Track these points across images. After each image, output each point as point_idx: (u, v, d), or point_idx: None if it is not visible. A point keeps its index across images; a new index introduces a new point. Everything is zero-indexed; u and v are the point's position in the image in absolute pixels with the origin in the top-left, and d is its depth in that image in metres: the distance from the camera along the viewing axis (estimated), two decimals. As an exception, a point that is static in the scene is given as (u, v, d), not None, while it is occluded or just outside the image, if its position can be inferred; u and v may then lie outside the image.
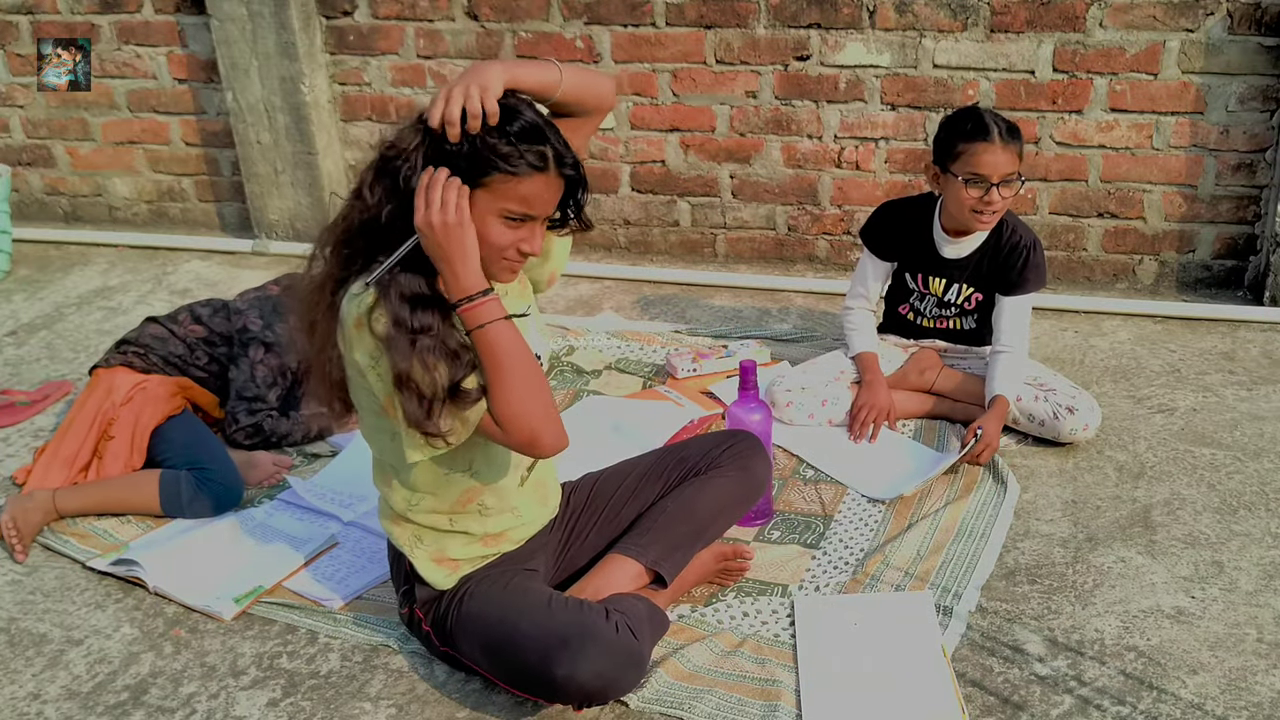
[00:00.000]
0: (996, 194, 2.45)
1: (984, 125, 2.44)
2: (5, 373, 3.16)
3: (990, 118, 2.46)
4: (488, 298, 1.64)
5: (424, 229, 1.60)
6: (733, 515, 2.12)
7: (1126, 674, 1.88)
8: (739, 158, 3.62)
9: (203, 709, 1.88)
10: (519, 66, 1.67)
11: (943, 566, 2.16)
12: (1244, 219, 3.31)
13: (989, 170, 2.44)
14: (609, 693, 1.74)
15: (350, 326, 1.64)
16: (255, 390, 2.59)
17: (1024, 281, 2.58)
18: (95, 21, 3.98)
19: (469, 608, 1.82)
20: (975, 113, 2.49)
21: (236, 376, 2.59)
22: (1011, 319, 2.59)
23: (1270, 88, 3.13)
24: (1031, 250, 2.57)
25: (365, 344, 1.63)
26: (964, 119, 2.49)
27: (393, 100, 3.84)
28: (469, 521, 1.85)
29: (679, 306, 3.48)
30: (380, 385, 1.65)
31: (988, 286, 2.64)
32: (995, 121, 2.46)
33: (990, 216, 2.49)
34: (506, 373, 1.64)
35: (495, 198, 1.63)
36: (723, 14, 3.43)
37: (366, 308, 1.62)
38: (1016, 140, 2.47)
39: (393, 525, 1.87)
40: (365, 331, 1.62)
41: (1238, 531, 2.26)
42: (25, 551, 2.28)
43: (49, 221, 4.33)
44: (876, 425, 2.62)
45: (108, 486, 2.39)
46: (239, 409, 2.58)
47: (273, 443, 2.62)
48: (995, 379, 2.56)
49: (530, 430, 1.67)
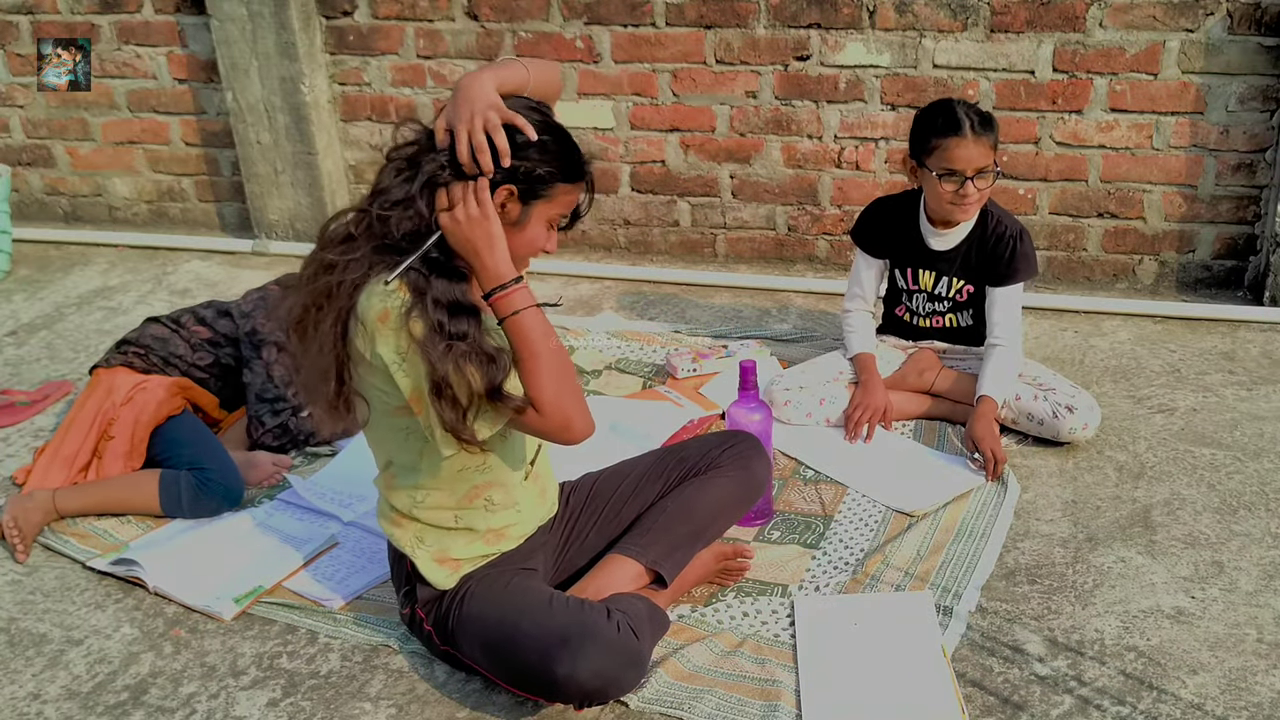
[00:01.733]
0: (971, 187, 2.46)
1: (955, 119, 2.44)
2: (5, 373, 3.16)
3: (963, 110, 2.45)
4: (519, 285, 1.69)
5: (450, 225, 1.65)
6: (732, 515, 2.12)
7: (1126, 674, 1.88)
8: (739, 158, 3.62)
9: (203, 709, 1.88)
10: (499, 70, 1.71)
11: (943, 566, 2.16)
12: (1244, 219, 3.31)
13: (962, 165, 2.45)
14: (609, 692, 1.74)
15: (373, 321, 1.64)
16: (275, 391, 2.58)
17: (1014, 271, 2.58)
18: (95, 21, 3.98)
19: (469, 607, 1.82)
20: (947, 106, 2.48)
21: (253, 380, 2.58)
22: (1004, 310, 2.59)
23: (1270, 88, 3.13)
24: (1018, 240, 2.57)
25: (391, 340, 1.64)
26: (936, 113, 2.48)
27: (393, 100, 3.84)
28: (474, 517, 1.85)
29: (679, 306, 3.48)
30: (406, 381, 1.66)
31: (977, 278, 2.65)
32: (967, 114, 2.44)
33: (969, 207, 2.51)
34: (541, 359, 1.68)
35: (553, 206, 1.73)
36: (723, 14, 3.43)
37: (398, 306, 1.63)
38: (989, 132, 2.46)
39: (394, 527, 1.87)
40: (391, 328, 1.63)
41: (1238, 531, 2.26)
42: (27, 551, 2.28)
43: (49, 221, 4.33)
44: (871, 426, 2.62)
45: (108, 486, 2.39)
46: (263, 411, 2.57)
47: (300, 441, 2.62)
48: (985, 378, 2.56)
49: (565, 415, 1.71)
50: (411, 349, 1.63)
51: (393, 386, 1.69)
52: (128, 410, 2.43)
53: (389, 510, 1.88)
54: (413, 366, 1.64)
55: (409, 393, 1.67)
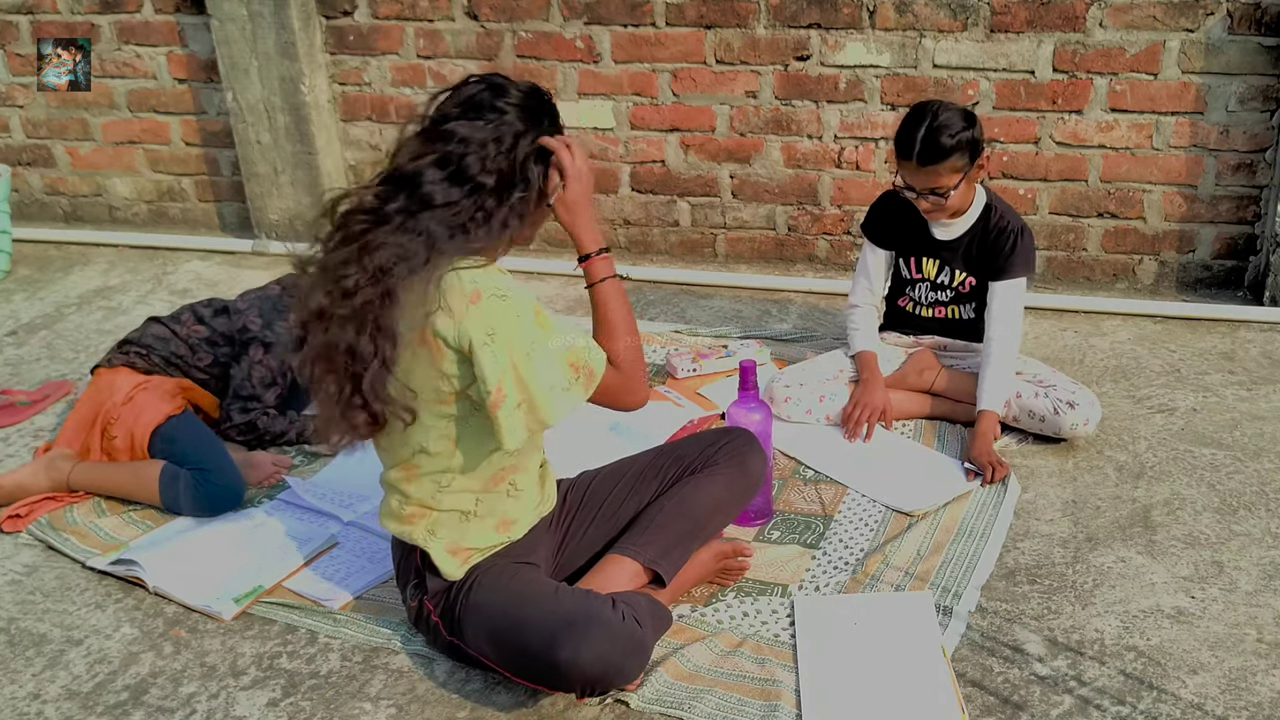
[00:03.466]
0: (924, 201, 2.53)
1: (906, 144, 2.48)
2: (5, 373, 3.16)
3: (919, 135, 2.46)
4: (608, 254, 1.81)
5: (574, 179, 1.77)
6: (730, 513, 2.12)
7: (1126, 674, 1.88)
8: (739, 158, 3.62)
9: (203, 709, 1.88)
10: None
11: (943, 566, 2.16)
12: (1244, 219, 3.32)
13: (912, 183, 2.52)
14: (611, 678, 1.73)
15: (466, 300, 1.65)
16: (250, 390, 2.60)
17: (1010, 266, 2.59)
18: (95, 21, 3.98)
19: (477, 596, 1.83)
20: (908, 124, 2.49)
21: (235, 374, 2.60)
22: (1001, 305, 2.60)
23: (1270, 88, 3.13)
24: (1019, 235, 2.59)
25: (483, 318, 1.65)
26: (904, 125, 2.50)
27: (393, 100, 3.84)
28: (494, 501, 1.86)
29: (679, 306, 3.48)
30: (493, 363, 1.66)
31: (979, 270, 2.66)
32: (924, 139, 2.45)
33: (933, 214, 2.58)
34: (624, 323, 1.84)
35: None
36: (723, 14, 3.43)
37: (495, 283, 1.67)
38: (939, 161, 2.46)
39: (404, 524, 1.87)
40: (483, 307, 1.65)
41: (1238, 531, 2.26)
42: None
43: (49, 221, 4.33)
44: (870, 424, 2.63)
45: (116, 471, 2.43)
46: (233, 407, 2.60)
47: (266, 441, 2.64)
48: (984, 388, 2.56)
49: (640, 375, 1.83)
50: (505, 327, 1.65)
51: (462, 370, 1.69)
52: (128, 410, 2.43)
53: (400, 507, 1.87)
54: (503, 345, 1.65)
55: (493, 374, 1.66)
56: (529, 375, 1.68)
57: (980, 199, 2.63)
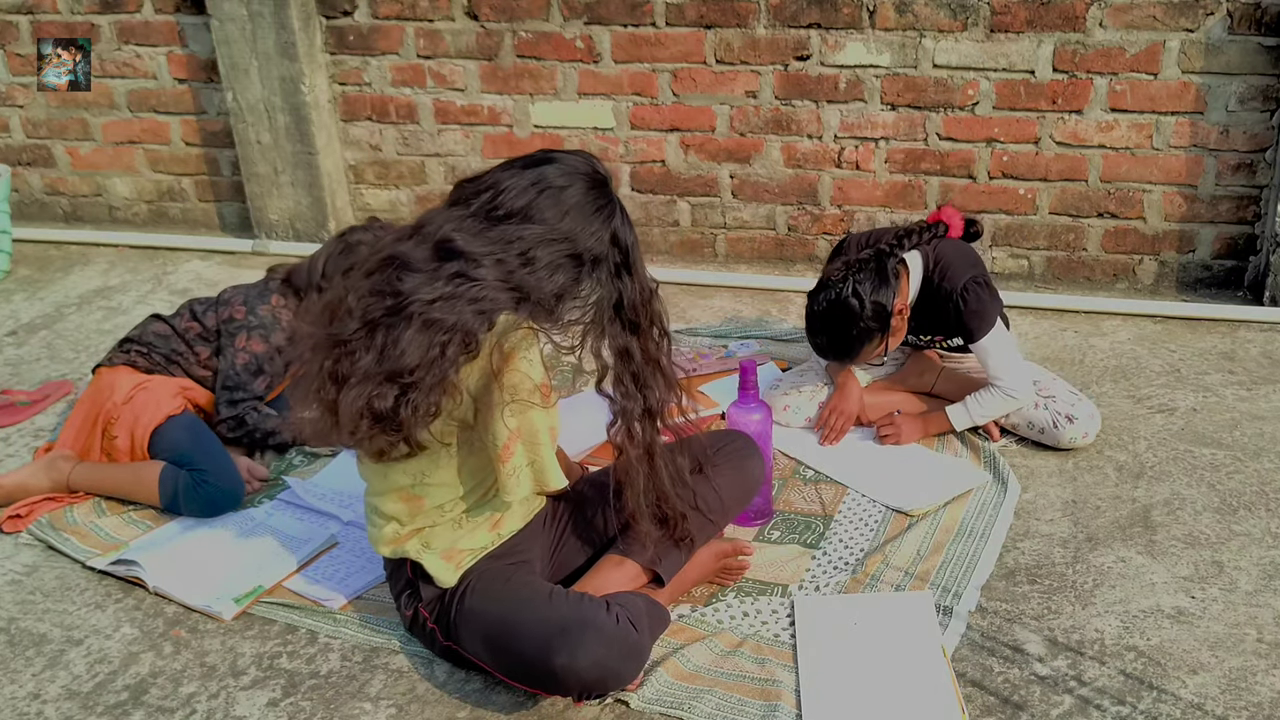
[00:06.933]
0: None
1: (818, 349, 2.54)
2: (5, 373, 3.16)
3: (822, 344, 2.51)
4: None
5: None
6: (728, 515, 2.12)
7: (1126, 674, 1.88)
8: (739, 158, 3.62)
9: (203, 709, 1.88)
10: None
11: (943, 566, 2.16)
12: (1244, 219, 3.31)
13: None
14: (608, 683, 1.74)
15: (508, 353, 1.69)
16: (236, 379, 2.52)
17: (968, 330, 2.51)
18: (95, 21, 3.98)
19: (471, 602, 1.83)
20: (811, 330, 2.51)
21: (221, 365, 2.54)
22: (984, 361, 2.54)
23: (1270, 88, 3.13)
24: (962, 298, 2.48)
25: (530, 375, 1.70)
26: (808, 331, 2.52)
27: (392, 100, 3.84)
28: (485, 503, 1.87)
29: (679, 306, 3.48)
30: (512, 420, 1.71)
31: (942, 331, 2.64)
32: (829, 350, 2.51)
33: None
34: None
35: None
36: (723, 14, 3.43)
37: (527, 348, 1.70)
38: (854, 358, 2.50)
39: (397, 545, 1.87)
40: (519, 368, 1.69)
41: (1238, 531, 2.26)
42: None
43: (49, 221, 4.33)
44: (842, 430, 2.63)
45: (117, 471, 2.42)
46: (221, 400, 2.53)
47: (257, 439, 2.58)
48: (969, 400, 2.56)
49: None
50: (542, 380, 1.71)
51: (469, 415, 1.74)
52: (128, 410, 2.43)
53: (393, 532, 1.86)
54: (521, 408, 1.70)
55: (502, 433, 1.71)
56: (543, 444, 1.74)
57: (916, 270, 2.53)
